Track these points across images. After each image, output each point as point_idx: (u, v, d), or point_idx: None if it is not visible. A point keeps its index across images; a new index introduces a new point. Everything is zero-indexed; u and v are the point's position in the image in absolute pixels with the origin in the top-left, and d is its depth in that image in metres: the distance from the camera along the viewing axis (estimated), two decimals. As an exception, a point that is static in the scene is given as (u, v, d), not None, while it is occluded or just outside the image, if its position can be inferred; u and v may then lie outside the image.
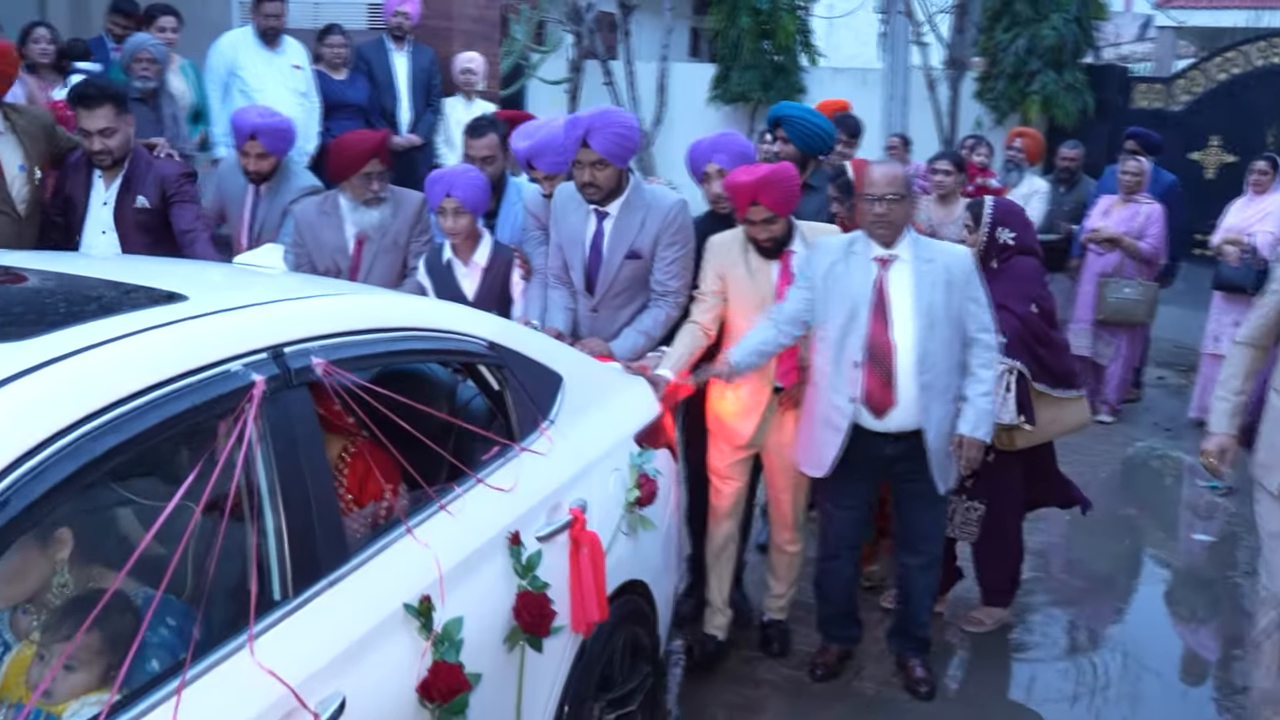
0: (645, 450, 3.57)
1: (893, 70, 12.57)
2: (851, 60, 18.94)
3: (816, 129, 5.02)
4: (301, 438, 2.34)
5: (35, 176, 4.70)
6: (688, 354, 4.23)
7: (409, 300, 3.29)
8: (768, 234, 4.17)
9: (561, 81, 13.83)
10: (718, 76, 15.01)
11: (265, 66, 7.29)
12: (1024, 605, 5.19)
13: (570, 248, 4.42)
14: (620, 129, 4.14)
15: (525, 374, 3.19)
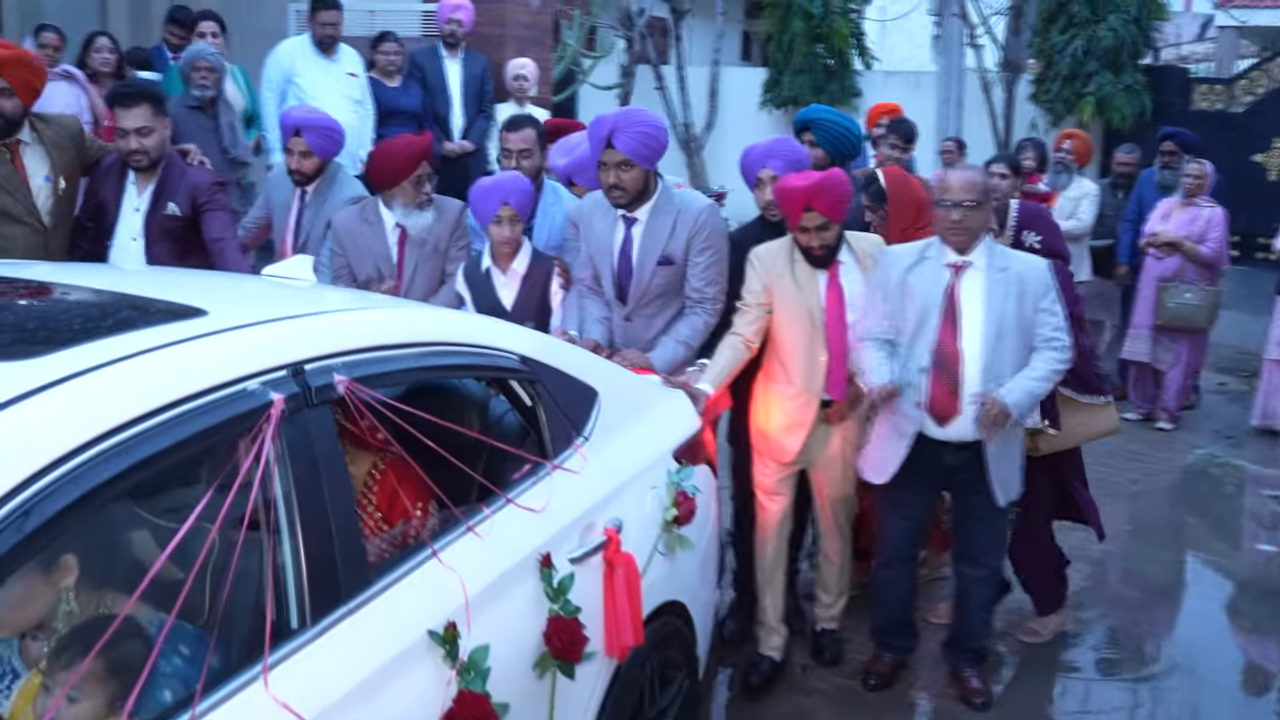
0: (684, 467, 3.40)
1: (947, 73, 12.32)
2: (904, 63, 18.71)
3: (845, 132, 4.92)
4: (322, 458, 2.22)
5: (60, 187, 4.58)
6: (729, 367, 4.06)
7: (437, 314, 3.13)
8: (821, 241, 3.99)
9: (613, 87, 13.74)
10: (769, 81, 14.84)
11: (321, 74, 7.28)
12: (1080, 616, 5.02)
13: (600, 256, 4.26)
14: (646, 128, 3.99)
15: (559, 389, 3.04)
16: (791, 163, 4.26)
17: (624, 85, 13.85)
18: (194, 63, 6.16)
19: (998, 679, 4.46)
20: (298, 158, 4.92)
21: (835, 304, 4.06)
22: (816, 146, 4.79)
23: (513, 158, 4.71)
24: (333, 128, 5.04)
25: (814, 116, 4.96)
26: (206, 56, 6.16)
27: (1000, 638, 4.70)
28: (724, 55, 15.06)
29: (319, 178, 5.06)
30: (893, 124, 7.05)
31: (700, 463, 3.59)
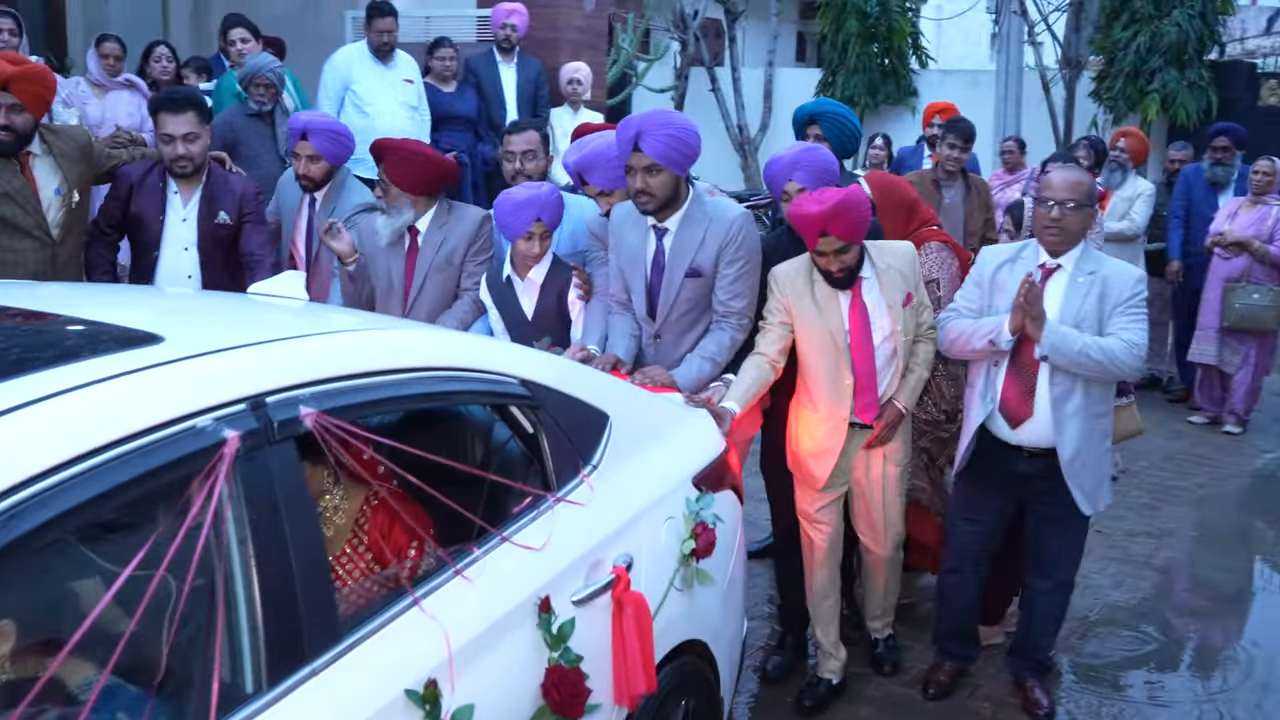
0: (704, 495, 3.13)
1: (1006, 71, 12.10)
2: (960, 62, 18.49)
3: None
4: (285, 500, 1.98)
5: (72, 200, 4.51)
6: (754, 387, 3.83)
7: (427, 336, 2.82)
8: (839, 265, 3.76)
9: (667, 89, 13.75)
10: (824, 81, 14.79)
11: (378, 81, 7.27)
12: (1146, 623, 4.89)
13: (630, 269, 4.03)
14: (675, 131, 3.75)
15: (565, 414, 2.80)
16: (818, 173, 4.00)
17: (678, 88, 13.87)
18: (254, 77, 6.25)
19: (1058, 687, 4.32)
20: (305, 161, 4.81)
21: (859, 325, 3.85)
22: (823, 140, 4.61)
23: (516, 160, 4.55)
24: (340, 131, 4.90)
25: (821, 110, 4.75)
26: (266, 73, 6.25)
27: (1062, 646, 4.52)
28: (778, 56, 14.92)
29: (328, 184, 4.93)
30: (950, 123, 6.83)
31: (724, 488, 3.34)
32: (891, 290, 3.85)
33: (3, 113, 4.25)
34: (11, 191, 4.35)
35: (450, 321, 4.32)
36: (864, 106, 14.03)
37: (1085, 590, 4.74)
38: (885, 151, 9.33)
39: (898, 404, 3.91)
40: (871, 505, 4.07)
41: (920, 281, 3.94)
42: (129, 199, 4.69)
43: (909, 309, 3.87)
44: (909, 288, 3.87)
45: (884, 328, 3.85)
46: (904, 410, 3.93)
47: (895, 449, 4.00)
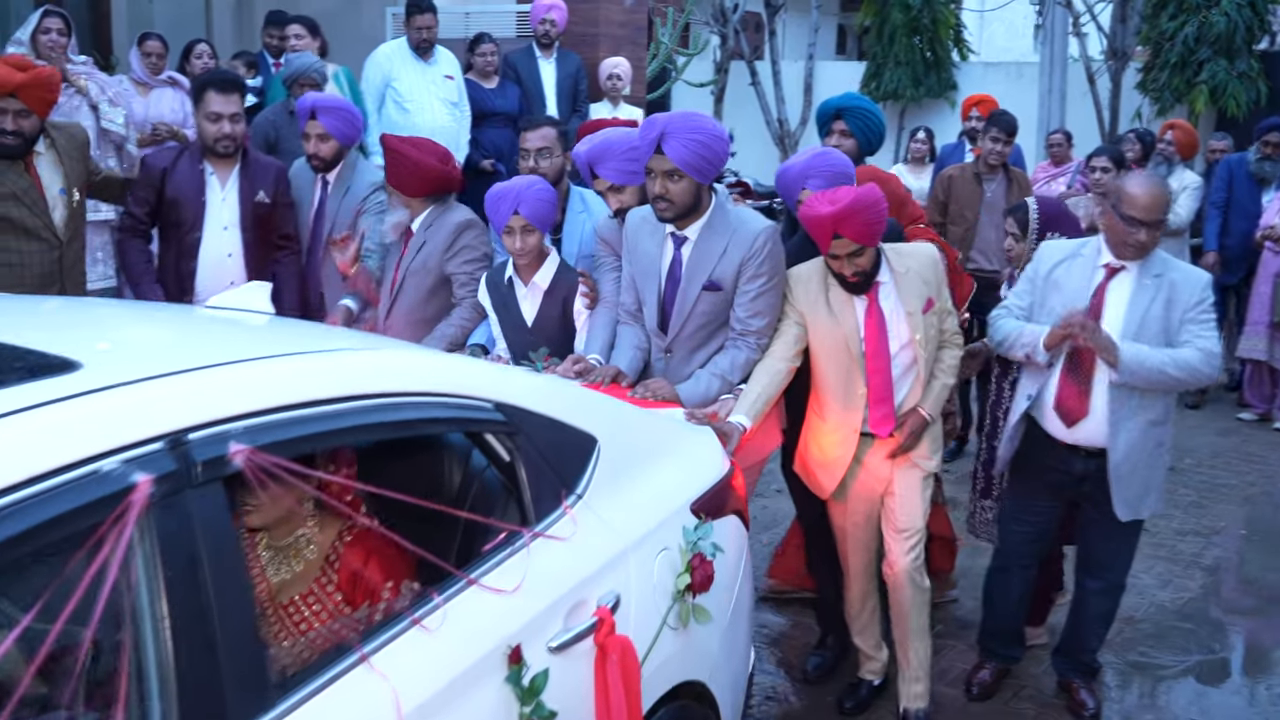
0: (703, 524, 2.86)
1: (1050, 63, 11.88)
2: (1003, 54, 18.33)
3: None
4: (209, 551, 1.74)
5: (74, 199, 4.46)
6: (766, 395, 3.58)
7: (388, 358, 2.49)
8: (854, 269, 3.53)
9: (707, 84, 13.72)
10: (868, 74, 14.68)
11: (419, 77, 7.22)
12: (1193, 623, 4.78)
13: (644, 279, 3.76)
14: (701, 136, 3.45)
15: (546, 440, 2.54)
16: (833, 179, 3.73)
17: (717, 82, 13.84)
18: (297, 77, 6.28)
19: (1105, 688, 4.24)
20: (315, 141, 4.79)
21: (875, 332, 3.63)
22: (848, 136, 4.49)
23: (530, 158, 4.28)
24: (351, 111, 4.86)
25: (848, 105, 4.61)
26: (312, 73, 6.29)
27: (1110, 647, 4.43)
28: (818, 49, 14.92)
29: (339, 165, 4.90)
30: (993, 117, 6.65)
31: (727, 514, 3.06)
32: (910, 296, 3.63)
33: (10, 119, 4.21)
34: (18, 192, 4.28)
35: (448, 330, 4.18)
36: (908, 99, 13.94)
37: (1131, 589, 4.57)
38: (928, 145, 9.23)
39: (921, 411, 3.71)
40: (896, 505, 3.81)
41: (944, 285, 3.74)
42: (163, 184, 4.67)
43: (930, 315, 3.65)
44: (930, 292, 3.65)
45: (901, 335, 3.64)
46: (928, 418, 3.72)
47: (922, 453, 3.79)
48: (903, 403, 3.71)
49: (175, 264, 4.73)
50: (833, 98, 4.72)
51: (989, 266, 6.48)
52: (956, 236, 6.52)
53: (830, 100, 4.73)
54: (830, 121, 4.60)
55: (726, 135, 3.59)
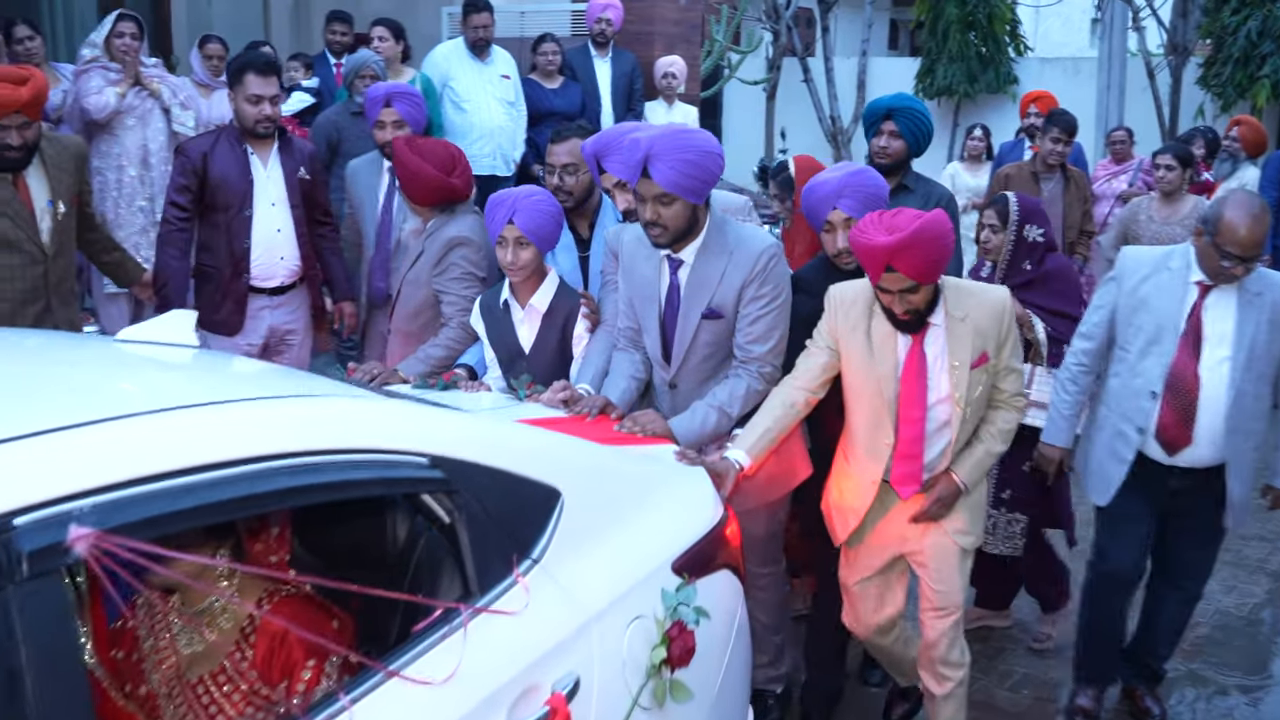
0: (685, 585, 2.51)
1: (1109, 58, 11.81)
2: (1059, 49, 18.16)
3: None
4: (38, 660, 1.44)
5: (59, 211, 4.32)
6: (775, 428, 3.22)
7: (295, 410, 2.08)
8: (905, 306, 3.13)
9: (760, 82, 13.72)
10: (922, 70, 14.61)
11: (476, 77, 7.32)
12: (1258, 630, 4.76)
13: (643, 305, 3.47)
14: (691, 154, 3.12)
15: (496, 497, 2.21)
16: (867, 200, 3.44)
17: (770, 79, 13.83)
18: (358, 71, 6.33)
19: (1169, 697, 4.22)
20: (390, 128, 4.79)
21: (913, 380, 3.22)
22: (898, 137, 4.42)
23: (555, 174, 3.96)
24: (419, 96, 4.88)
25: (900, 105, 4.53)
26: (371, 65, 6.26)
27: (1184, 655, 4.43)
28: (870, 45, 14.90)
29: None
30: (1053, 116, 6.65)
31: (716, 569, 2.72)
32: (959, 346, 3.20)
33: (15, 134, 4.11)
34: (1, 204, 4.15)
35: (433, 351, 3.95)
36: (962, 95, 13.85)
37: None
38: (985, 143, 9.18)
39: (955, 477, 3.30)
40: (928, 580, 3.41)
41: (1010, 339, 3.28)
42: (205, 168, 4.71)
43: (979, 372, 3.22)
44: (986, 345, 3.22)
45: (940, 389, 3.23)
46: (961, 485, 3.30)
47: (957, 525, 3.37)
48: (933, 463, 3.31)
49: (228, 245, 4.78)
50: (882, 98, 4.69)
51: None
52: None
53: (880, 100, 4.68)
54: (880, 122, 4.53)
55: (719, 150, 3.25)
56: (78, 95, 6.31)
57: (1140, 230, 6.29)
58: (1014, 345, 3.30)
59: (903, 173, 4.45)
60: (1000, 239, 4.19)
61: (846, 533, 3.42)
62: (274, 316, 4.92)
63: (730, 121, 13.77)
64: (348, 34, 7.74)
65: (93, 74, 6.31)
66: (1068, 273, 4.32)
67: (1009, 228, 4.16)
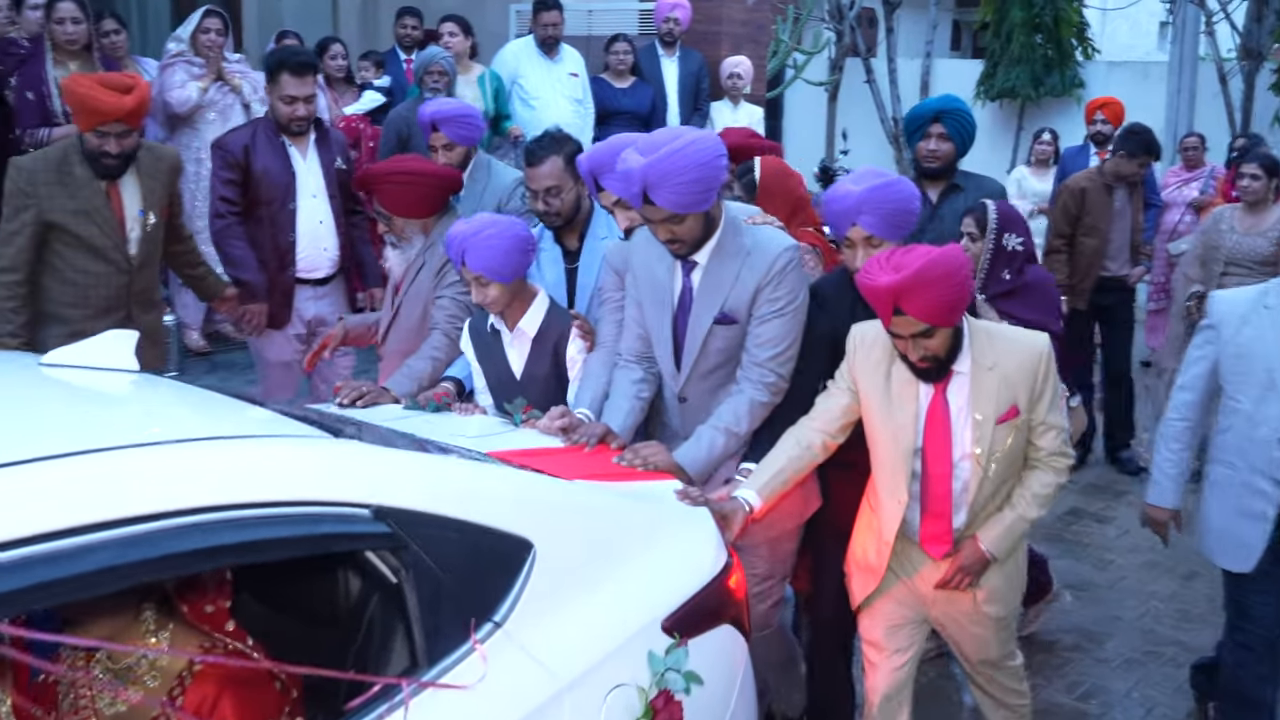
0: (676, 647, 2.26)
1: (1180, 62, 11.71)
2: (1126, 52, 17.98)
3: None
4: None
5: (149, 222, 4.28)
6: (790, 470, 2.99)
7: (210, 456, 1.83)
8: (921, 353, 2.85)
9: (824, 83, 13.70)
10: (985, 72, 14.55)
11: (545, 75, 7.45)
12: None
13: (654, 312, 3.24)
14: (688, 176, 2.89)
15: (453, 552, 1.96)
16: (891, 216, 3.13)
17: (834, 80, 13.81)
18: (427, 66, 6.39)
19: None
20: (442, 152, 4.67)
21: (936, 434, 2.95)
22: (946, 139, 4.39)
23: (538, 198, 3.69)
24: (469, 114, 4.73)
25: (949, 107, 4.47)
26: (439, 61, 6.37)
27: None
28: (934, 46, 14.85)
29: (469, 167, 4.74)
30: (1129, 133, 6.57)
31: (716, 625, 2.47)
32: (984, 398, 2.91)
33: (114, 141, 4.06)
34: (91, 209, 4.14)
35: (420, 365, 3.72)
36: (1025, 98, 13.75)
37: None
38: (1053, 147, 9.14)
39: (980, 544, 3.00)
40: (963, 643, 3.19)
41: (1050, 391, 2.98)
42: (247, 161, 4.75)
43: (1007, 427, 2.93)
44: (1016, 398, 2.92)
45: (962, 444, 2.95)
46: (987, 553, 3.00)
47: (985, 593, 3.08)
48: (962, 526, 3.04)
49: (272, 239, 4.84)
50: (929, 100, 4.63)
51: (1119, 272, 6.69)
52: (1090, 249, 6.53)
53: (927, 102, 4.61)
54: (928, 124, 4.44)
55: (718, 151, 2.98)
56: (161, 89, 6.49)
57: (1221, 241, 6.22)
58: (1053, 398, 2.97)
59: (952, 173, 4.48)
60: (978, 247, 4.08)
61: (864, 593, 3.16)
62: (317, 307, 5.01)
63: (791, 122, 13.77)
64: (418, 28, 7.86)
65: (177, 68, 6.50)
66: (1046, 285, 4.23)
67: (987, 236, 4.06)
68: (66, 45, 5.91)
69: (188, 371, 6.76)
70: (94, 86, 4.00)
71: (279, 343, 4.98)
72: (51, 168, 4.09)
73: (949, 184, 4.47)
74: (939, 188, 4.54)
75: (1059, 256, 6.44)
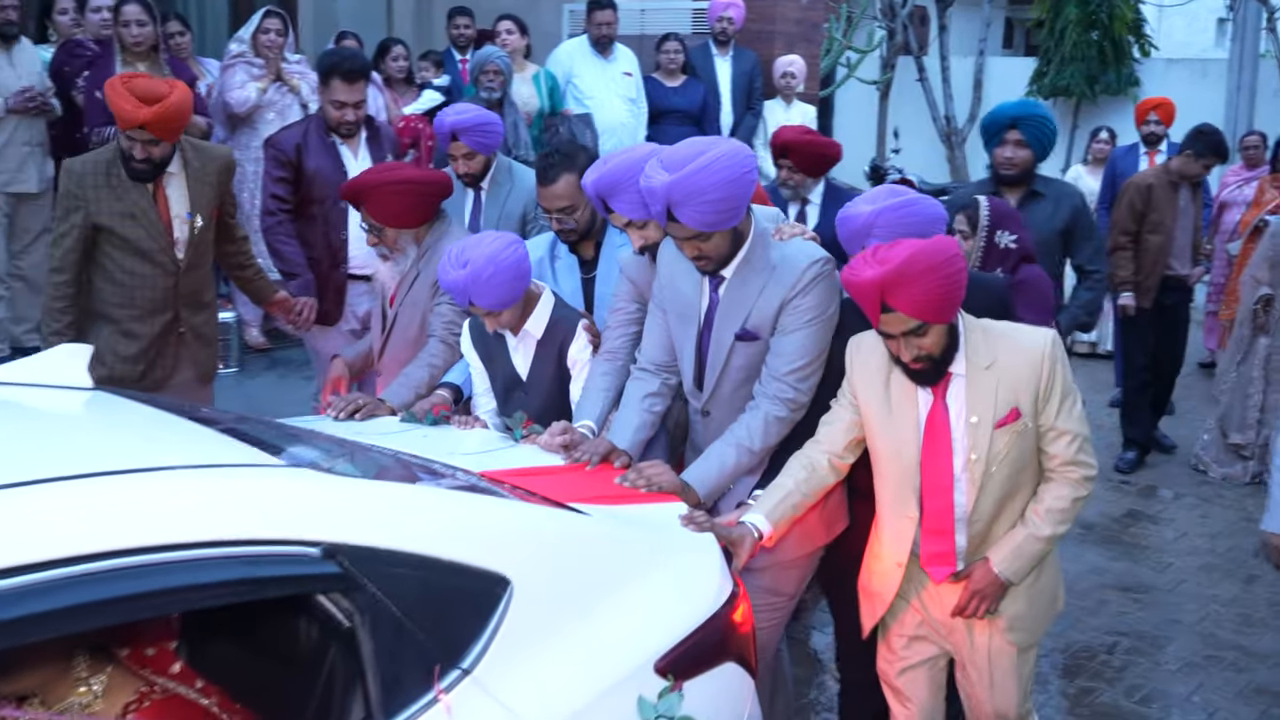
0: (669, 692, 2.07)
1: (1240, 59, 11.60)
2: (1182, 50, 17.75)
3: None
4: None
5: (196, 224, 4.23)
6: (800, 494, 2.82)
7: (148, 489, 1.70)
8: (914, 352, 2.66)
9: (877, 81, 13.67)
10: (1039, 70, 14.45)
11: (599, 74, 7.52)
12: None
13: (680, 325, 3.11)
14: (713, 195, 2.75)
15: (417, 591, 1.80)
16: (905, 232, 2.88)
17: (886, 78, 13.76)
18: (483, 65, 6.45)
19: None
20: (462, 161, 4.58)
21: (936, 441, 2.77)
22: (1024, 146, 4.32)
23: (552, 217, 3.61)
24: (489, 121, 4.61)
25: (1026, 113, 4.39)
26: (495, 60, 6.43)
27: None
28: (986, 44, 14.76)
29: (487, 174, 4.64)
30: (1198, 133, 6.50)
31: (719, 663, 2.27)
32: (981, 400, 2.72)
33: (139, 148, 4.02)
34: (137, 212, 4.12)
35: (418, 373, 3.63)
36: (1080, 97, 13.64)
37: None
38: (1110, 145, 9.09)
39: (992, 566, 2.80)
40: (978, 685, 2.96)
41: (1059, 391, 2.75)
42: (299, 160, 4.79)
43: (1006, 432, 2.72)
44: (1018, 400, 2.72)
45: (961, 451, 2.76)
46: (1000, 575, 2.79)
47: (1007, 619, 2.88)
48: (969, 545, 2.84)
49: (325, 236, 4.87)
50: (1004, 106, 4.53)
51: (1182, 271, 6.67)
52: (1156, 246, 6.51)
53: (1004, 107, 4.51)
54: (1004, 131, 4.36)
55: (746, 165, 2.82)
56: (221, 89, 6.61)
57: (1291, 243, 6.16)
58: (1064, 399, 2.74)
59: (1031, 179, 4.42)
60: (970, 245, 3.92)
61: (872, 622, 2.99)
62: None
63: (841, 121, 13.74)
64: (470, 27, 7.94)
65: (237, 69, 6.62)
66: (1041, 284, 4.10)
67: (979, 233, 3.92)
68: (133, 47, 6.03)
69: (247, 368, 6.90)
70: (120, 90, 3.94)
71: (334, 339, 5.03)
72: (100, 170, 4.10)
73: (1028, 190, 4.40)
74: (1018, 194, 4.50)
75: (1124, 254, 6.41)
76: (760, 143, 8.07)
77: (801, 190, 5.01)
